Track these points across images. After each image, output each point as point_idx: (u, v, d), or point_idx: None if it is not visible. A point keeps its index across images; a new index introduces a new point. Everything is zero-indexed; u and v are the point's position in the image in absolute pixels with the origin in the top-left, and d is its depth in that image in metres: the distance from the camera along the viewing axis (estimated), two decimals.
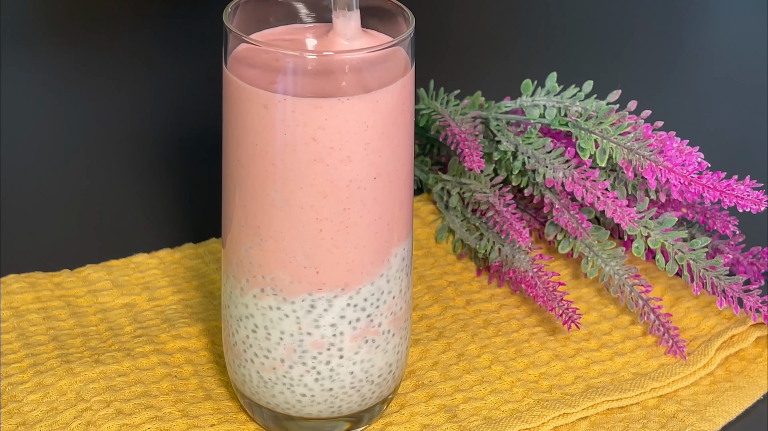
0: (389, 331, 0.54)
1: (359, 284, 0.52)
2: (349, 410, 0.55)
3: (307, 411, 0.54)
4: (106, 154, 0.79)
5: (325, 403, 0.54)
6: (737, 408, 0.58)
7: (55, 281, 0.65)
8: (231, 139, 0.51)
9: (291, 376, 0.53)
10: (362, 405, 0.55)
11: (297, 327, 0.52)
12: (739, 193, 0.61)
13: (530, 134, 0.66)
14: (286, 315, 0.52)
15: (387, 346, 0.54)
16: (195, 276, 0.66)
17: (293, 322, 0.52)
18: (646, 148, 0.62)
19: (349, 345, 0.53)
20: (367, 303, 0.53)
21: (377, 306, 0.53)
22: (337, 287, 0.52)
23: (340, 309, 0.52)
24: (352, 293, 0.52)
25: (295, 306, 0.52)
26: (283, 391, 0.54)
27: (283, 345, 0.53)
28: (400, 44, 0.50)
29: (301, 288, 0.52)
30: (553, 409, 0.57)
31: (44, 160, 0.78)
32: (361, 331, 0.53)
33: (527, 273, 0.63)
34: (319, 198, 0.50)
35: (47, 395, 0.57)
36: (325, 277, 0.51)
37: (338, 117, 0.49)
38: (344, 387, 0.54)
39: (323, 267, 0.51)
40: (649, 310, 0.62)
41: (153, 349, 0.60)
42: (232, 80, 0.50)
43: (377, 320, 0.53)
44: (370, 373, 0.54)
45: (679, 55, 0.97)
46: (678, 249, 0.62)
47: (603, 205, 0.62)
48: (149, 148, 0.79)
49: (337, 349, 0.53)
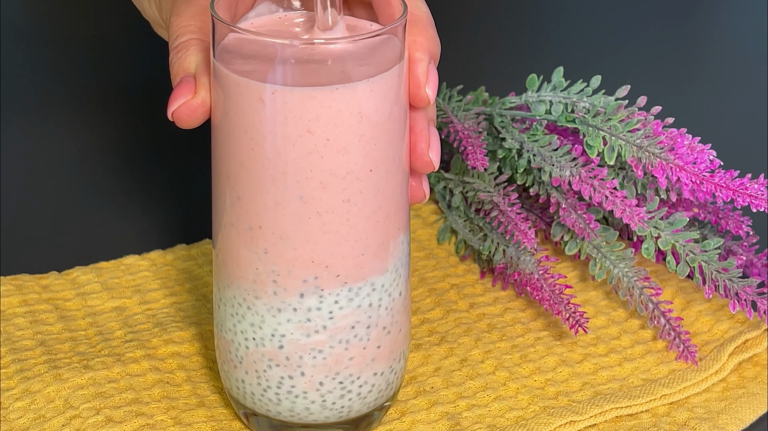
0: (390, 330, 0.54)
1: (364, 279, 0.52)
2: (348, 416, 0.55)
3: (305, 418, 0.54)
4: (94, 152, 0.79)
5: (324, 409, 0.54)
6: (751, 415, 0.58)
7: (42, 284, 0.65)
8: (222, 133, 0.51)
9: (287, 382, 0.53)
10: (361, 410, 0.55)
11: (296, 328, 0.52)
12: (753, 192, 0.61)
13: (536, 131, 0.66)
14: (288, 319, 0.52)
15: (389, 346, 0.54)
16: (188, 279, 0.66)
17: (293, 324, 0.52)
18: (656, 145, 0.62)
19: (351, 347, 0.53)
20: (371, 298, 0.53)
21: (380, 305, 0.53)
22: (342, 283, 0.52)
23: (344, 306, 0.52)
24: (357, 288, 0.52)
25: (294, 307, 0.52)
26: (280, 398, 0.54)
27: (281, 349, 0.53)
28: (392, 32, 0.50)
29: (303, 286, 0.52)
30: (559, 417, 0.57)
31: (30, 158, 0.78)
32: (363, 331, 0.53)
33: (533, 275, 0.63)
34: (319, 190, 0.50)
35: (34, 402, 0.57)
36: (331, 273, 0.51)
37: (332, 107, 0.49)
38: (343, 391, 0.54)
39: (328, 263, 0.51)
40: (660, 314, 0.62)
41: (144, 354, 0.60)
42: (221, 72, 0.50)
43: (380, 318, 0.53)
44: (370, 376, 0.54)
45: (690, 49, 0.97)
46: (689, 251, 0.62)
47: (611, 205, 0.62)
48: (140, 146, 0.79)
49: (339, 351, 0.53)
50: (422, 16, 0.54)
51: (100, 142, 0.80)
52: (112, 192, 0.75)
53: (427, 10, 0.54)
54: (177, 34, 0.54)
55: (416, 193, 0.55)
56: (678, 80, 0.90)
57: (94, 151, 0.79)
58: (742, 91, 0.88)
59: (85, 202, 0.74)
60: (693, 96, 0.88)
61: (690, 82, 0.90)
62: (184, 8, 0.55)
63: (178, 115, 0.52)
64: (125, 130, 0.81)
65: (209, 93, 0.52)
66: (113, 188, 0.75)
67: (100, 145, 0.80)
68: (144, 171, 0.77)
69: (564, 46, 0.95)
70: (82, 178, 0.76)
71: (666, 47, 0.96)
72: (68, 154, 0.79)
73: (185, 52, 0.53)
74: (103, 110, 0.84)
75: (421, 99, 0.52)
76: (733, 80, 0.90)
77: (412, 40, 0.52)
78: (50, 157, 0.79)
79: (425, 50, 0.52)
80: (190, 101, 0.52)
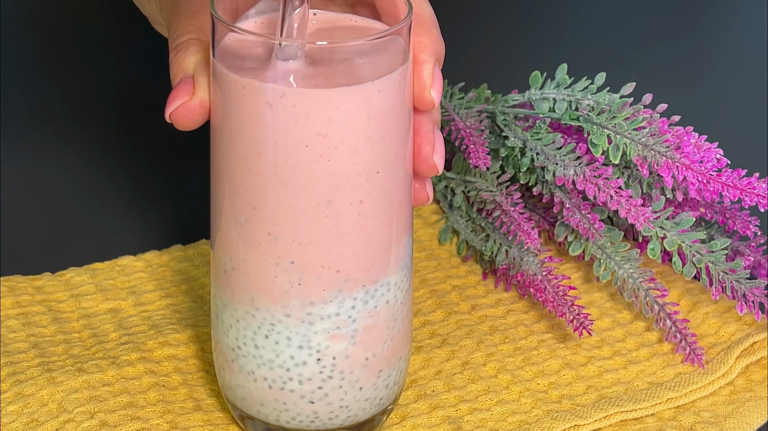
0: (394, 333, 0.54)
1: (373, 281, 0.52)
2: (349, 421, 0.55)
3: (307, 425, 0.54)
4: (89, 151, 0.79)
5: (328, 415, 0.54)
6: (759, 419, 0.58)
7: (35, 285, 0.65)
8: (223, 135, 0.51)
9: (288, 386, 0.53)
10: (362, 416, 0.55)
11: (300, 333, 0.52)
12: (761, 192, 0.61)
13: (539, 129, 0.66)
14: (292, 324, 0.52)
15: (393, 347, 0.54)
16: (184, 280, 0.66)
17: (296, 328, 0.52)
18: (662, 143, 0.62)
19: (352, 348, 0.53)
20: (377, 300, 0.53)
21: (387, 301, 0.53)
22: (357, 284, 0.52)
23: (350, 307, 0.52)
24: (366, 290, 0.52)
25: (299, 312, 0.52)
26: (280, 403, 0.54)
27: (282, 353, 0.53)
28: (397, 32, 0.50)
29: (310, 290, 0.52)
30: (563, 421, 0.57)
31: (23, 158, 0.78)
32: (365, 330, 0.53)
33: (536, 276, 0.63)
34: (329, 193, 0.50)
35: (27, 406, 0.57)
36: (343, 275, 0.51)
37: (343, 108, 0.49)
38: (344, 396, 0.54)
39: (342, 266, 0.51)
40: (666, 316, 0.62)
41: (139, 357, 0.60)
42: (222, 72, 0.50)
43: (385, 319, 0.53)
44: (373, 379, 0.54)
45: (697, 45, 0.97)
46: (696, 251, 0.62)
47: (616, 205, 0.62)
48: (135, 145, 0.79)
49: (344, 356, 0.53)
50: (427, 16, 0.54)
51: (95, 141, 0.80)
52: (107, 191, 0.75)
53: (431, 10, 0.54)
54: (177, 34, 0.54)
55: (420, 195, 0.55)
56: (684, 77, 0.90)
57: (88, 151, 0.79)
58: (750, 88, 0.88)
59: (79, 201, 0.74)
60: (699, 93, 0.88)
61: (697, 79, 0.90)
62: (184, 7, 0.55)
63: (176, 116, 0.52)
64: (121, 129, 0.81)
65: (208, 93, 0.52)
66: (108, 188, 0.75)
67: (94, 144, 0.80)
68: (139, 170, 0.77)
69: (568, 42, 0.95)
70: (76, 178, 0.76)
71: (672, 44, 0.96)
72: (62, 154, 0.79)
73: (184, 52, 0.53)
74: (99, 109, 0.84)
75: (425, 101, 0.52)
76: (741, 78, 0.90)
77: (418, 41, 0.52)
78: (44, 156, 0.79)
79: (431, 52, 0.52)
80: (188, 102, 0.52)
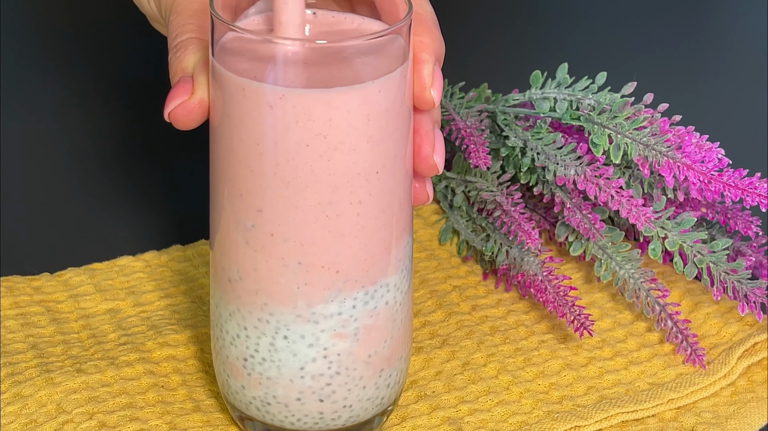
0: (394, 332, 0.54)
1: (372, 282, 0.52)
2: (351, 421, 0.55)
3: (310, 426, 0.54)
4: (88, 150, 0.79)
5: (328, 415, 0.54)
6: (760, 420, 0.58)
7: (34, 285, 0.65)
8: (223, 135, 0.51)
9: (285, 387, 0.53)
10: (363, 416, 0.55)
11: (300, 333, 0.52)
12: (762, 192, 0.61)
13: (540, 129, 0.66)
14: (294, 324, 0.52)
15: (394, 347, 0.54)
16: (183, 280, 0.66)
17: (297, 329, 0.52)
18: (663, 143, 0.62)
19: (356, 346, 0.53)
20: (376, 301, 0.53)
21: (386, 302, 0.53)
22: (357, 285, 0.52)
23: (350, 307, 0.52)
24: (365, 291, 0.52)
25: (300, 312, 0.52)
26: (281, 404, 0.54)
27: (283, 354, 0.53)
28: (397, 31, 0.50)
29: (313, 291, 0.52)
30: (564, 422, 0.57)
31: (22, 157, 0.78)
32: (365, 329, 0.53)
33: (537, 276, 0.63)
34: (329, 194, 0.50)
35: (26, 406, 0.57)
36: (343, 275, 0.51)
37: (343, 109, 0.49)
38: (345, 396, 0.54)
39: (342, 266, 0.51)
40: (667, 316, 0.62)
41: (138, 358, 0.60)
42: (221, 72, 0.50)
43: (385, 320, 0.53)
44: (375, 379, 0.54)
45: (698, 45, 0.97)
46: (697, 252, 0.62)
47: (617, 205, 0.62)
48: (134, 145, 0.79)
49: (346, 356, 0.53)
50: (427, 15, 0.53)
51: (94, 141, 0.80)
52: (106, 191, 0.75)
53: (431, 9, 0.54)
54: (176, 33, 0.54)
55: (420, 195, 0.55)
56: (685, 77, 0.90)
57: (87, 150, 0.79)
58: (751, 88, 0.88)
59: (78, 201, 0.74)
60: (701, 93, 0.88)
61: (698, 78, 0.90)
62: (184, 5, 0.55)
63: (175, 115, 0.52)
64: (119, 129, 0.81)
65: (207, 93, 0.52)
66: (107, 187, 0.75)
67: (93, 143, 0.80)
68: (138, 170, 0.77)
69: (568, 41, 0.95)
70: (75, 177, 0.76)
71: (673, 43, 0.96)
72: (61, 153, 0.79)
73: (183, 51, 0.53)
74: (97, 109, 0.84)
75: (425, 101, 0.52)
76: (742, 77, 0.90)
77: (418, 41, 0.52)
78: (43, 156, 0.79)
79: (431, 51, 0.52)
80: (187, 102, 0.52)
